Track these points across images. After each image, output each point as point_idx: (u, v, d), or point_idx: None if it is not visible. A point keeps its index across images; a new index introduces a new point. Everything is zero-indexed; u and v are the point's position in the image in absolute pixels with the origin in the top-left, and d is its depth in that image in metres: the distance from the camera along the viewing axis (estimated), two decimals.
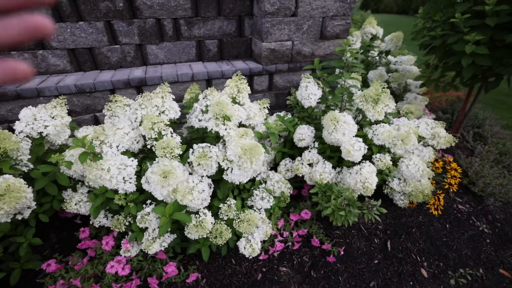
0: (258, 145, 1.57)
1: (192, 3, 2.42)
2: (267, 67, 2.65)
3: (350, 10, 2.70)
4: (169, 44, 2.51)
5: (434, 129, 2.18)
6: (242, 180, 1.65)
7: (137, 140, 1.72)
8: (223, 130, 1.72)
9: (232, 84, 1.85)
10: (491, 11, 2.13)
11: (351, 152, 1.87)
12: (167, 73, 2.36)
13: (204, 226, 1.56)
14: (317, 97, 2.20)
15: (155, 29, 2.40)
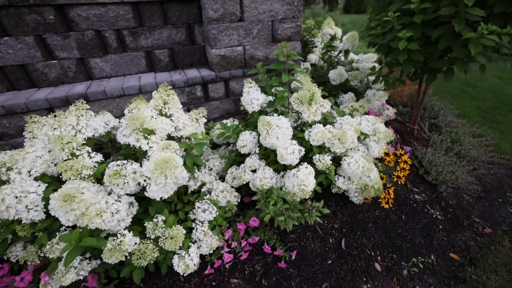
0: (173, 158, 1.25)
1: (135, 13, 2.08)
2: (221, 74, 2.30)
3: (299, 13, 2.36)
4: (114, 57, 2.16)
5: (375, 125, 1.86)
6: (162, 196, 1.33)
7: (55, 163, 1.37)
8: (145, 145, 1.38)
9: (157, 96, 1.52)
10: (418, 9, 1.84)
11: (285, 156, 1.55)
12: (112, 87, 2.02)
13: (121, 249, 1.23)
14: (260, 102, 1.86)
15: (97, 42, 2.06)
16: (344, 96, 2.77)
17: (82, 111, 1.43)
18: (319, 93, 1.75)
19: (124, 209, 1.29)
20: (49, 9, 1.88)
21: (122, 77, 2.25)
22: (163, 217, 1.44)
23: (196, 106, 2.38)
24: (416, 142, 2.64)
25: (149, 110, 1.51)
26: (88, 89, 2.01)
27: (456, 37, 1.89)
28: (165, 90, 1.56)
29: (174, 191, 1.59)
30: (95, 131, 1.44)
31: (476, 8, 1.74)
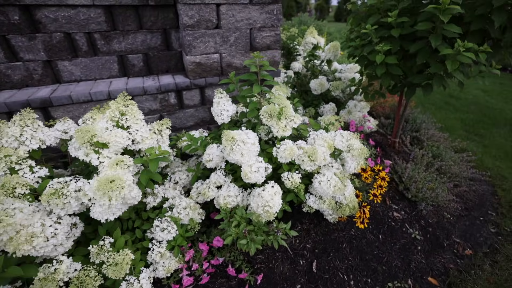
0: (119, 178, 1.09)
1: (107, 16, 1.91)
2: (196, 81, 2.14)
3: (279, 21, 2.21)
4: (85, 60, 1.99)
5: (349, 141, 1.70)
6: (108, 218, 1.16)
7: None
8: (95, 159, 1.22)
9: (114, 106, 1.35)
10: (395, 23, 1.70)
11: (248, 174, 1.39)
12: (79, 92, 1.86)
13: (54, 278, 1.06)
14: (230, 113, 1.70)
15: (65, 44, 1.89)
16: (325, 107, 2.62)
17: (28, 121, 1.26)
18: (289, 107, 1.59)
19: (63, 232, 1.12)
20: (14, 9, 1.71)
21: (93, 81, 2.08)
22: (111, 239, 1.27)
23: (170, 113, 2.22)
24: (397, 156, 2.49)
25: (104, 121, 1.34)
26: (53, 93, 1.84)
27: (434, 52, 1.75)
28: (123, 99, 1.39)
29: (131, 207, 1.44)
30: (42, 143, 1.27)
31: (452, 24, 1.61)
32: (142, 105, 2.09)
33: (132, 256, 1.23)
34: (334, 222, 1.91)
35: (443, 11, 1.55)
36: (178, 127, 2.30)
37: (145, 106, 2.11)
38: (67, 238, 1.15)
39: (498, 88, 5.59)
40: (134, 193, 1.20)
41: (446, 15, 1.53)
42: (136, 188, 1.23)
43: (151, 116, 2.16)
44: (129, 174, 1.20)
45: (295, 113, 2.65)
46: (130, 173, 1.22)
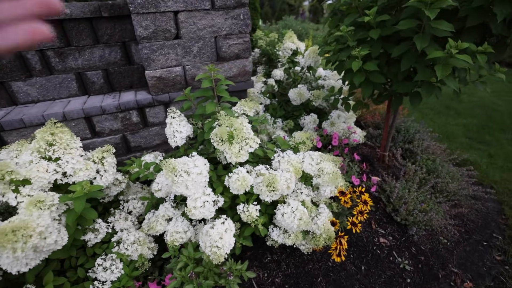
0: (26, 225, 0.95)
1: (59, 31, 1.82)
2: (158, 97, 2.02)
3: (247, 27, 2.04)
4: (40, 80, 1.91)
5: (320, 164, 1.51)
6: (20, 270, 1.03)
7: None
8: (13, 199, 1.10)
9: (39, 136, 1.23)
10: (375, 22, 1.47)
11: (192, 211, 1.24)
12: (32, 114, 1.77)
13: None
14: (183, 135, 1.56)
15: (17, 64, 1.82)
16: (305, 118, 2.43)
17: None
18: (246, 128, 1.42)
19: None
20: None
21: (52, 101, 1.99)
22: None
23: (133, 132, 2.10)
24: (386, 172, 2.26)
25: (28, 153, 1.23)
26: (4, 117, 1.76)
27: (422, 56, 1.53)
28: (50, 127, 1.27)
29: (73, 244, 1.32)
30: None
31: (442, 21, 1.36)
32: (102, 125, 1.98)
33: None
34: (308, 252, 1.73)
35: (429, 4, 1.31)
36: (144, 147, 2.18)
37: (105, 126, 2.00)
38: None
39: (507, 87, 5.10)
40: (52, 239, 1.08)
41: (433, 9, 1.28)
42: (56, 233, 1.11)
43: (112, 137, 2.05)
44: (46, 218, 1.07)
45: (274, 125, 2.49)
46: (48, 215, 1.10)
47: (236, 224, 1.47)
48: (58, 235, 1.13)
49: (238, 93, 2.29)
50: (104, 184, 1.41)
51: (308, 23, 6.85)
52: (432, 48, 1.38)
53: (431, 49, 1.37)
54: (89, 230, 1.37)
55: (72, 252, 1.37)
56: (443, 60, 1.37)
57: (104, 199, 1.60)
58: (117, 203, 1.68)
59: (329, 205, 1.78)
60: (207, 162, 1.41)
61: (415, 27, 1.44)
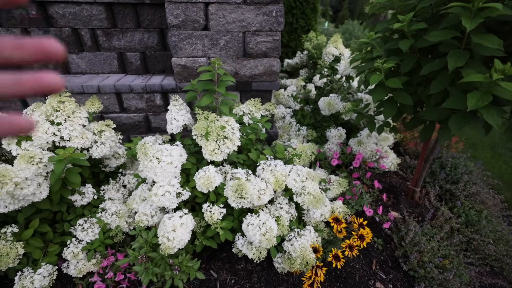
0: (4, 174, 1.09)
1: (108, 13, 2.03)
2: (181, 85, 2.09)
3: (279, 25, 1.93)
4: (89, 54, 2.17)
5: (305, 182, 1.33)
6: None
7: None
8: (14, 150, 1.29)
9: (48, 102, 1.39)
10: (409, 31, 1.20)
11: (153, 198, 1.23)
12: (74, 84, 2.04)
13: None
14: (179, 123, 1.57)
15: (73, 39, 2.10)
16: (331, 131, 2.19)
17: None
18: (229, 128, 1.34)
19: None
20: (32, 5, 1.98)
21: (96, 74, 2.26)
22: (15, 228, 1.33)
23: (155, 114, 2.22)
24: (411, 210, 1.88)
25: (37, 114, 1.41)
26: None
27: (459, 77, 1.20)
28: (58, 95, 1.43)
29: (63, 200, 1.48)
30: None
31: (491, 36, 1.03)
32: (129, 102, 2.16)
33: (21, 250, 1.26)
34: (283, 272, 1.57)
35: (473, 13, 1.02)
36: (163, 129, 2.30)
37: (132, 104, 2.17)
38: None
39: None
40: (28, 190, 1.21)
41: (476, 19, 0.99)
42: (34, 186, 1.24)
43: (136, 114, 2.21)
44: (26, 171, 1.21)
45: (297, 132, 2.33)
46: (34, 170, 1.24)
47: (202, 222, 1.42)
48: (36, 189, 1.26)
49: (262, 93, 2.21)
50: (98, 155, 1.52)
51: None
52: (470, 70, 1.05)
53: (468, 71, 1.05)
54: (77, 192, 1.50)
55: (62, 207, 1.53)
56: (485, 86, 1.04)
57: (105, 168, 1.74)
58: (117, 174, 1.81)
59: (320, 230, 1.58)
60: (184, 153, 1.39)
61: (455, 41, 1.13)
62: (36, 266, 1.39)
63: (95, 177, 1.79)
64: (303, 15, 3.87)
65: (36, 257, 1.39)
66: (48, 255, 1.45)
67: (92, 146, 1.52)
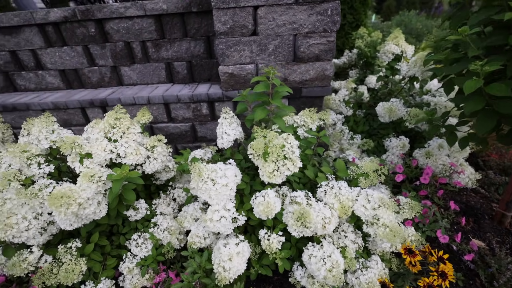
0: (69, 195, 1.12)
1: (157, 25, 2.04)
2: (228, 93, 2.02)
3: (334, 25, 1.75)
4: (139, 66, 2.22)
5: (377, 210, 1.15)
6: (65, 227, 1.23)
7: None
8: (78, 168, 1.34)
9: (105, 119, 1.42)
10: None
11: (208, 223, 1.17)
12: (126, 96, 2.10)
13: (20, 265, 1.23)
14: (230, 138, 1.49)
15: (126, 52, 2.16)
16: (391, 141, 1.94)
17: (48, 123, 1.49)
18: (289, 147, 1.21)
19: (36, 228, 1.28)
20: (91, 23, 2.07)
21: (145, 85, 2.30)
22: (78, 243, 1.36)
23: (201, 123, 2.19)
24: (500, 239, 1.56)
25: (96, 132, 1.43)
26: (110, 95, 2.15)
27: None
28: (115, 113, 1.44)
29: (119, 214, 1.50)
30: (53, 143, 1.48)
31: None
32: (176, 112, 2.16)
33: (84, 267, 1.29)
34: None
35: None
36: (209, 138, 2.26)
37: (179, 114, 2.16)
38: (41, 233, 1.31)
39: None
40: (90, 210, 1.23)
41: None
42: (95, 206, 1.25)
43: (183, 124, 2.20)
44: (88, 191, 1.23)
45: (350, 141, 2.11)
46: (94, 189, 1.25)
47: (257, 248, 1.32)
48: (97, 208, 1.28)
49: (312, 99, 2.04)
50: (151, 170, 1.51)
51: (435, 20, 5.10)
52: None
53: None
54: (132, 207, 1.51)
55: (118, 221, 1.56)
56: None
57: (156, 181, 1.74)
58: (168, 187, 1.81)
59: (387, 260, 1.38)
60: (239, 173, 1.30)
61: None
62: (96, 279, 1.42)
63: (147, 189, 1.80)
64: (351, 9, 3.56)
65: (96, 270, 1.42)
66: (107, 268, 1.49)
67: (145, 162, 1.51)
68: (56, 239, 1.44)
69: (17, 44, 2.16)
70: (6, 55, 2.21)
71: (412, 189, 1.86)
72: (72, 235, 1.49)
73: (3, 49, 2.19)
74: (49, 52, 2.19)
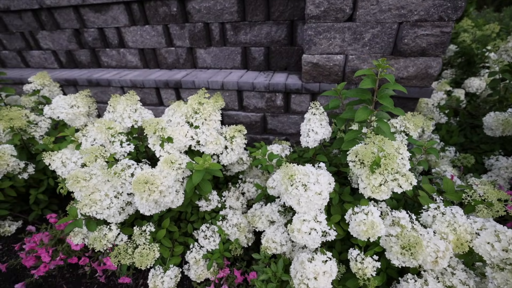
0: (153, 181, 1.03)
1: (239, 6, 1.87)
2: (308, 85, 1.79)
3: (455, 12, 1.40)
4: (215, 49, 2.08)
5: (509, 251, 0.86)
6: (143, 212, 1.17)
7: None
8: (158, 151, 1.26)
9: (189, 103, 1.29)
10: None
11: (295, 233, 0.99)
12: (200, 79, 1.99)
13: (101, 241, 1.20)
14: (318, 137, 1.27)
15: (203, 33, 2.03)
16: (499, 160, 1.54)
17: (132, 101, 1.42)
18: (401, 158, 0.96)
19: (116, 206, 1.23)
20: (174, 2, 1.96)
21: (218, 69, 2.17)
22: (152, 228, 1.30)
23: (274, 115, 2.00)
24: None
25: (178, 116, 1.32)
26: (184, 77, 2.06)
27: None
28: (199, 96, 1.31)
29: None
30: (135, 123, 1.42)
31: None
32: (249, 100, 1.99)
33: (157, 254, 1.21)
34: None
35: None
36: (279, 132, 2.07)
37: (251, 103, 2.00)
38: (120, 213, 1.27)
39: None
40: (168, 199, 1.13)
41: None
42: (174, 194, 1.15)
43: (254, 114, 2.03)
44: (169, 179, 1.13)
45: (441, 154, 1.76)
46: (174, 176, 1.16)
47: (340, 267, 1.11)
48: (175, 197, 1.18)
49: (405, 101, 1.71)
50: (227, 161, 1.38)
51: None
52: None
53: None
54: (204, 198, 1.40)
55: (188, 209, 1.47)
56: None
57: (227, 172, 1.61)
58: (236, 179, 1.67)
59: None
60: (333, 181, 1.08)
61: None
62: (164, 264, 1.36)
63: (214, 178, 1.70)
64: None
65: (165, 256, 1.35)
66: (174, 254, 1.42)
67: (223, 152, 1.38)
68: (130, 219, 1.40)
69: (105, 22, 2.16)
70: (94, 32, 2.24)
71: None
72: (144, 217, 1.45)
73: (93, 26, 2.22)
74: (131, 31, 2.16)
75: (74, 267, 1.63)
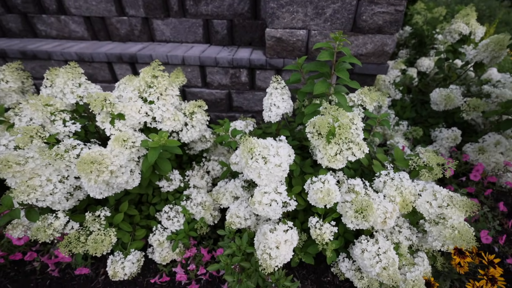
0: (101, 161, 0.91)
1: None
2: (272, 61, 1.72)
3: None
4: (174, 21, 1.89)
5: (445, 209, 0.95)
6: (94, 195, 1.06)
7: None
8: (108, 129, 1.11)
9: (141, 76, 1.16)
10: None
11: (256, 206, 0.97)
12: (159, 53, 1.80)
13: (45, 231, 1.06)
14: (280, 111, 1.23)
15: (160, 2, 1.82)
16: (442, 132, 1.67)
17: (75, 74, 1.23)
18: (355, 128, 0.97)
19: (61, 192, 1.08)
20: None
21: (179, 43, 1.99)
22: (107, 212, 1.18)
23: (238, 92, 1.92)
24: None
25: (130, 90, 1.18)
26: (140, 51, 1.85)
27: None
28: (152, 69, 1.17)
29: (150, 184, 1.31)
30: (80, 99, 1.24)
31: None
32: (212, 77, 1.88)
33: (114, 239, 1.11)
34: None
35: None
36: (244, 109, 2.00)
37: (215, 79, 1.88)
38: (67, 199, 1.12)
39: None
40: (123, 179, 1.02)
41: None
42: (128, 175, 1.05)
43: (218, 91, 1.93)
44: (121, 158, 1.01)
45: (395, 127, 1.85)
46: (127, 155, 1.04)
47: (302, 235, 1.13)
48: (130, 177, 1.07)
49: (364, 77, 1.74)
50: (188, 139, 1.29)
51: (500, 1, 4.11)
52: None
53: None
54: (165, 178, 1.31)
55: (148, 191, 1.36)
56: None
57: (189, 151, 1.52)
58: (201, 158, 1.59)
59: (432, 258, 1.20)
60: (293, 153, 1.06)
61: None
62: (125, 249, 1.27)
63: (177, 158, 1.59)
64: None
65: (125, 241, 1.26)
66: (135, 239, 1.32)
67: (182, 129, 1.28)
68: (82, 205, 1.25)
69: None
70: None
71: (456, 185, 1.64)
72: (99, 202, 1.31)
73: None
74: None
75: (20, 264, 1.45)
